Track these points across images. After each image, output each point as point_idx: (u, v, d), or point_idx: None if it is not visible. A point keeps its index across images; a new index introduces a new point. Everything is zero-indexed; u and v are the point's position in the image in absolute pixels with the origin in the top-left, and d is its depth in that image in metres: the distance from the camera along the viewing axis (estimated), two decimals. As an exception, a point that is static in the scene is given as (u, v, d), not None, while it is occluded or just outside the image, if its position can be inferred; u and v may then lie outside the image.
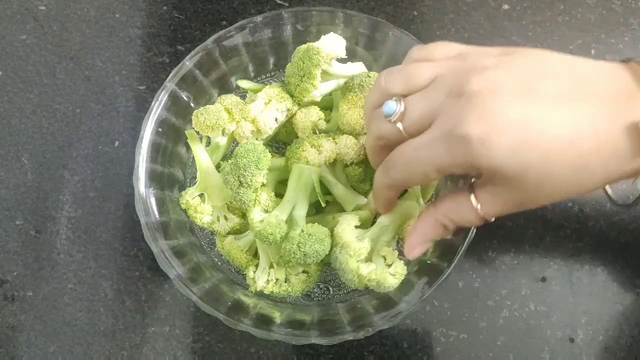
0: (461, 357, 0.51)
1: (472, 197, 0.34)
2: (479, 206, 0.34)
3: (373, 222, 0.44)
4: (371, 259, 0.43)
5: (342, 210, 0.47)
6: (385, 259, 0.43)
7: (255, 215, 0.42)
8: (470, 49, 0.35)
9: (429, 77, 0.34)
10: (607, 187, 0.37)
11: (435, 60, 0.35)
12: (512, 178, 0.31)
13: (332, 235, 0.43)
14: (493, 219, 0.35)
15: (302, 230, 0.42)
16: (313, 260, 0.42)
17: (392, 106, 0.34)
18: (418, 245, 0.38)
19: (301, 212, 0.44)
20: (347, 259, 0.42)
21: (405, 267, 0.43)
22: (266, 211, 0.44)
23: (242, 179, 0.42)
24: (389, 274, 0.42)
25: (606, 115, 0.29)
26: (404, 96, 0.34)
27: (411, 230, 0.39)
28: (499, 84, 0.30)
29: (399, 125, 0.34)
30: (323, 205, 0.45)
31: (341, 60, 0.47)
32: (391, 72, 0.35)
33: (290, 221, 0.43)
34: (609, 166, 0.30)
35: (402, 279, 0.43)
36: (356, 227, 0.43)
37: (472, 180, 0.35)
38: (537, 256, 0.53)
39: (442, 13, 0.60)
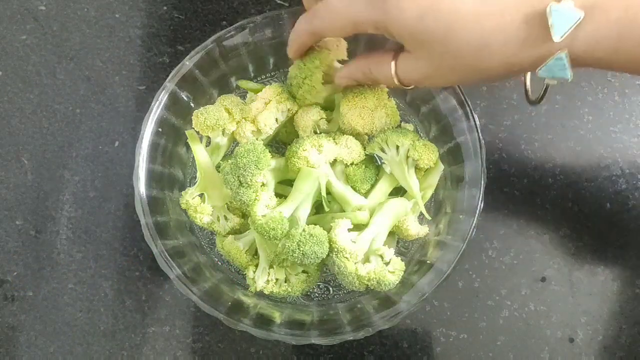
0: (461, 357, 0.51)
1: (392, 61, 0.38)
2: (394, 70, 0.38)
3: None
4: (368, 259, 0.43)
5: (341, 210, 0.47)
6: (382, 258, 0.43)
7: (259, 210, 0.42)
8: None
9: None
10: (528, 82, 0.40)
11: None
12: (418, 46, 0.34)
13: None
14: (408, 85, 0.39)
15: (304, 230, 0.42)
16: (310, 262, 0.42)
17: None
18: (344, 79, 0.44)
19: (304, 212, 0.44)
20: (344, 262, 0.42)
21: (403, 263, 0.44)
22: (268, 208, 0.44)
23: (242, 179, 0.42)
24: (388, 272, 0.42)
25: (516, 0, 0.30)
26: None
27: (344, 67, 0.44)
28: None
29: None
30: (327, 209, 0.45)
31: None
32: None
33: (291, 220, 0.43)
34: (508, 50, 0.31)
35: (402, 275, 0.43)
36: (350, 229, 0.43)
37: (400, 46, 0.37)
38: (537, 256, 0.53)
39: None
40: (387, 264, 0.43)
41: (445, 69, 0.34)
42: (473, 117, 0.44)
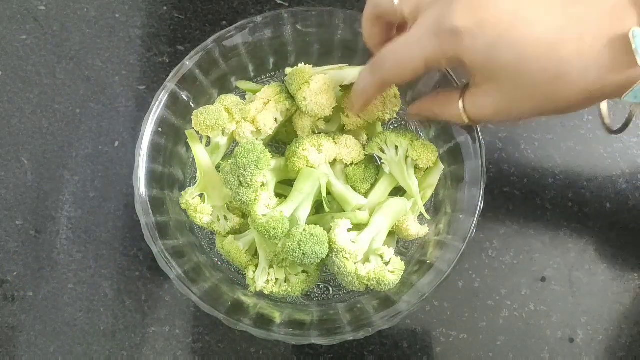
0: (461, 357, 0.51)
1: (460, 100, 0.36)
2: (463, 108, 0.36)
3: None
4: (368, 259, 0.43)
5: (341, 209, 0.47)
6: (382, 258, 0.43)
7: (259, 210, 0.42)
8: None
9: None
10: (604, 110, 0.38)
11: None
12: (489, 77, 0.32)
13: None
14: (478, 122, 0.37)
15: (305, 230, 0.42)
16: (310, 261, 0.42)
17: None
18: (415, 115, 0.44)
19: (304, 213, 0.44)
20: (344, 263, 0.42)
21: (403, 263, 0.44)
22: (268, 208, 0.44)
23: (242, 179, 0.42)
24: (388, 271, 0.42)
25: (595, 24, 0.29)
26: None
27: (415, 104, 0.43)
28: None
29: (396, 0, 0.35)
30: (327, 209, 0.45)
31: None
32: None
33: (291, 220, 0.43)
34: (588, 76, 0.29)
35: (402, 275, 0.43)
36: (350, 230, 0.43)
37: (465, 84, 0.36)
38: (537, 256, 0.53)
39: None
40: (387, 263, 0.43)
41: (519, 101, 0.32)
42: (473, 117, 0.44)
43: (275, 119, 0.46)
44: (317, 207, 0.47)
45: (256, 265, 0.46)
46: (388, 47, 0.36)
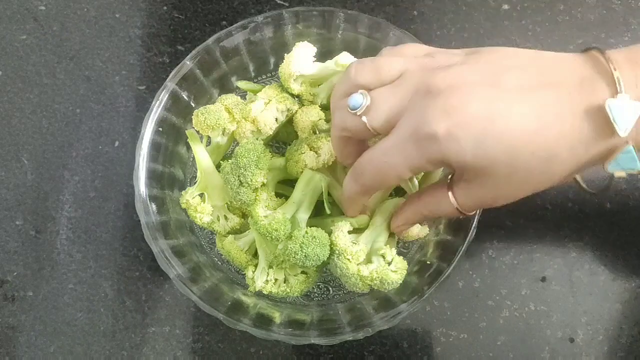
0: (461, 357, 0.51)
1: (450, 194, 0.35)
2: (455, 202, 0.35)
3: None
4: (370, 260, 0.43)
5: (341, 212, 0.47)
6: (384, 258, 0.43)
7: (261, 211, 0.42)
8: (439, 49, 0.35)
9: (397, 71, 0.34)
10: (578, 178, 0.38)
11: (405, 57, 0.35)
12: (481, 173, 0.31)
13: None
14: (472, 212, 0.36)
15: (307, 232, 0.42)
16: (312, 264, 0.42)
17: (358, 99, 0.34)
18: (402, 226, 0.41)
19: (305, 215, 0.44)
20: (346, 264, 0.42)
21: (406, 262, 0.44)
22: (268, 208, 0.44)
23: (242, 179, 0.42)
24: (391, 271, 0.42)
25: (569, 102, 0.29)
26: (371, 90, 0.34)
27: (397, 213, 0.41)
28: (464, 79, 0.31)
29: (364, 118, 0.34)
30: (328, 212, 0.45)
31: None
32: (362, 63, 0.35)
33: (292, 222, 0.43)
34: (576, 152, 0.30)
35: (405, 273, 0.43)
36: (350, 232, 0.43)
37: (450, 176, 0.36)
38: (537, 256, 0.53)
39: (442, 13, 0.60)
40: (389, 263, 0.43)
41: (513, 188, 0.32)
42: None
43: (276, 118, 0.46)
44: (316, 209, 0.47)
45: (256, 265, 0.46)
46: (366, 155, 0.35)
